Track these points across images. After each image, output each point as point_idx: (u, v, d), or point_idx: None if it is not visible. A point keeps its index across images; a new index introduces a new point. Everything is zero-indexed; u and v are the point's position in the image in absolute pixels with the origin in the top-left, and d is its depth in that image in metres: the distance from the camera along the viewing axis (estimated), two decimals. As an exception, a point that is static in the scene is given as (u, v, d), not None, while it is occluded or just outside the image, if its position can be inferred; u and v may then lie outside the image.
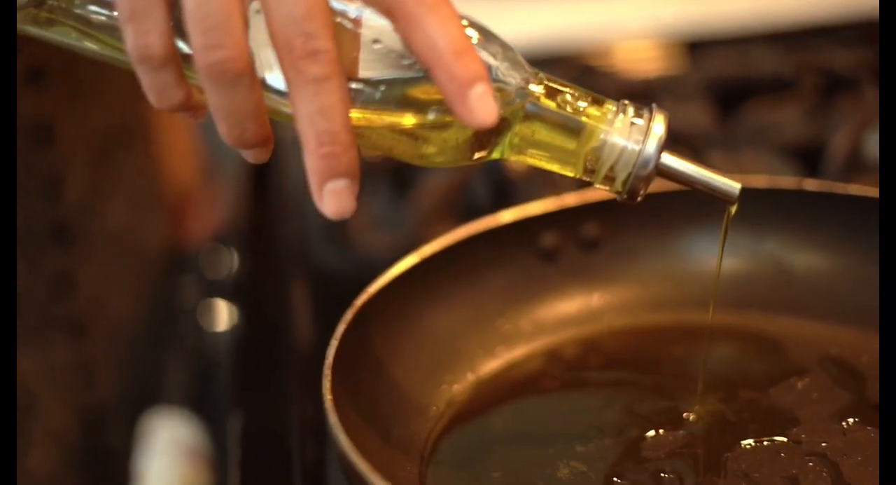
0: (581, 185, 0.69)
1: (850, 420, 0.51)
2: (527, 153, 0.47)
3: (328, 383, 0.47)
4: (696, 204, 0.59)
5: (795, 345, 0.56)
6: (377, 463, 0.45)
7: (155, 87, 0.43)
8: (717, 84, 0.84)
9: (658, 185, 0.59)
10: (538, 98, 0.46)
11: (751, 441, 0.50)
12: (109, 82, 0.83)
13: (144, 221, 0.88)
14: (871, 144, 0.75)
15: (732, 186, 0.48)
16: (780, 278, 0.58)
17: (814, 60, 0.84)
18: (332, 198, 0.43)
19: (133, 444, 0.79)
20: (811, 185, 0.58)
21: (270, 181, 0.82)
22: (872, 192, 0.57)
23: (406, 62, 0.44)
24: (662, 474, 0.48)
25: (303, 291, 0.70)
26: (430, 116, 0.44)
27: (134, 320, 0.85)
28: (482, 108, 0.42)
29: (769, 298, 0.58)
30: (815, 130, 0.77)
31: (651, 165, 0.47)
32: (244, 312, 0.76)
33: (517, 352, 0.56)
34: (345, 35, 0.43)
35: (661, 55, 0.92)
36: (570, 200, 0.58)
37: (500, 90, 0.44)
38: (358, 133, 0.44)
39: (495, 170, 0.73)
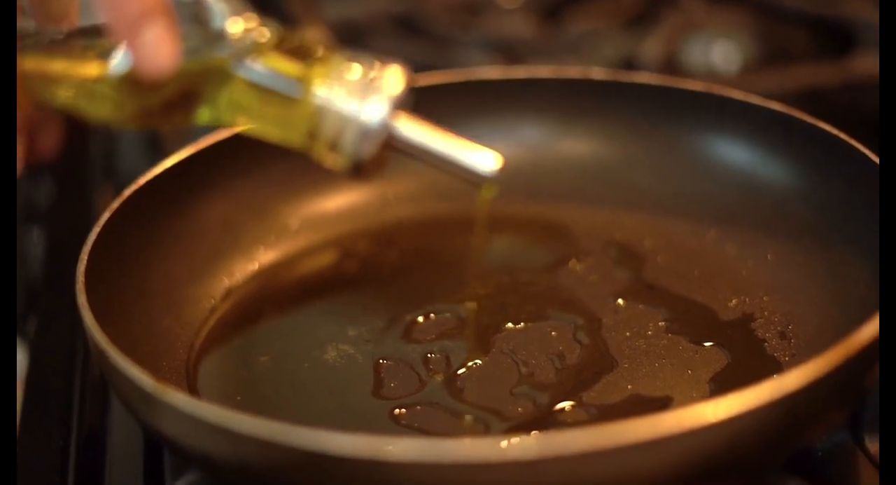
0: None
1: (623, 300, 0.51)
2: (243, 118, 0.39)
3: (82, 267, 0.46)
4: (484, 94, 0.58)
5: (581, 231, 0.55)
6: (130, 349, 0.43)
7: None
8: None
9: (442, 77, 0.58)
10: (246, 49, 0.37)
11: (523, 322, 0.50)
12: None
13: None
14: (686, 52, 0.75)
15: (484, 164, 0.39)
16: (569, 167, 0.58)
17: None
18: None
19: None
20: (598, 74, 0.58)
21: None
22: (655, 80, 0.57)
23: None
24: (430, 355, 0.48)
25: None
26: (108, 67, 0.37)
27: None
28: (154, 52, 0.35)
29: (557, 186, 0.57)
30: (634, 40, 0.77)
31: (373, 135, 0.38)
32: (56, 233, 0.74)
33: (300, 244, 0.55)
34: None
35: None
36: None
37: (194, 35, 0.37)
38: (41, 85, 0.39)
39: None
